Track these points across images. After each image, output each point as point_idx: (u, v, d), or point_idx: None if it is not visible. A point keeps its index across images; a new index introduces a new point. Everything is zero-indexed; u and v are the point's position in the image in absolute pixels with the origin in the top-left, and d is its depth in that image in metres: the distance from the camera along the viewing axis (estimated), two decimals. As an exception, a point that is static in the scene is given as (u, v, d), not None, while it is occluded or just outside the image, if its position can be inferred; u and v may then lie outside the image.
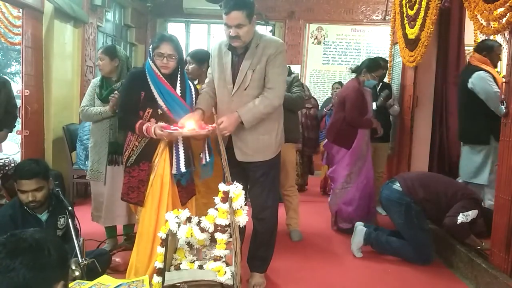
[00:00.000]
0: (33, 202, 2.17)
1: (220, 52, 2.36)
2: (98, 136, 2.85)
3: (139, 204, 2.37)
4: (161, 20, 7.05)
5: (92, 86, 2.91)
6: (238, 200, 1.88)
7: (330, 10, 6.80)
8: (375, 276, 2.81)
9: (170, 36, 2.37)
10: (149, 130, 2.23)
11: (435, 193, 2.93)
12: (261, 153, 2.36)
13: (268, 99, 2.27)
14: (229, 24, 2.17)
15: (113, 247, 2.94)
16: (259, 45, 2.27)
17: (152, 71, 2.31)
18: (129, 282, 2.04)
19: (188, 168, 2.35)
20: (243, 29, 2.17)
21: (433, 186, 2.99)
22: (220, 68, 2.36)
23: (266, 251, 2.52)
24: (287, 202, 3.52)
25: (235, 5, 2.13)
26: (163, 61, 2.28)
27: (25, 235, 1.07)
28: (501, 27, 2.39)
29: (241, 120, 2.22)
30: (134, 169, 2.33)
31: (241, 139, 2.34)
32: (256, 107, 2.25)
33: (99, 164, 2.84)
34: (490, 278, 2.47)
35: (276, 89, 2.29)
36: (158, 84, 2.30)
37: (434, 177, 3.20)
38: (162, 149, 2.34)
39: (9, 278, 0.99)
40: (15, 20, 4.70)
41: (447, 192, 2.91)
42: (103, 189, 2.85)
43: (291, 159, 3.49)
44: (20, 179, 2.17)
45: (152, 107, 2.31)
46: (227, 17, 2.17)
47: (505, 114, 2.43)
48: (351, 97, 3.50)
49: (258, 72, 2.27)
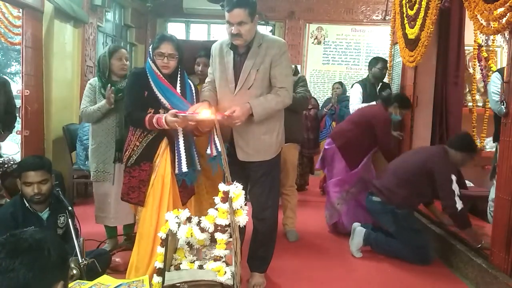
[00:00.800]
0: (39, 194, 2.19)
1: (222, 52, 2.37)
2: (102, 137, 2.83)
3: (139, 204, 2.37)
4: (161, 20, 7.05)
5: (90, 87, 2.87)
6: (238, 200, 1.88)
7: (330, 10, 6.80)
8: (374, 276, 2.81)
9: (170, 35, 2.37)
10: (160, 121, 2.21)
11: (406, 174, 3.00)
12: (262, 153, 2.36)
13: (281, 97, 2.29)
14: (231, 21, 2.18)
15: (113, 247, 2.94)
16: (262, 45, 2.28)
17: (153, 71, 2.32)
18: (129, 282, 2.04)
19: (190, 167, 2.34)
20: (244, 27, 2.18)
21: (401, 168, 3.07)
22: (221, 68, 2.36)
23: (266, 250, 2.52)
24: (286, 201, 3.52)
25: (237, 3, 2.14)
26: (164, 61, 2.29)
27: (25, 235, 1.06)
28: (501, 27, 2.39)
29: (251, 112, 2.22)
30: (135, 169, 2.33)
31: (243, 138, 2.34)
32: (269, 102, 2.26)
33: (105, 164, 2.82)
34: (490, 278, 2.47)
35: (288, 88, 2.33)
36: (159, 83, 2.31)
37: (399, 159, 3.30)
38: (163, 149, 2.34)
39: (9, 278, 0.98)
40: (15, 20, 4.69)
41: (415, 166, 2.99)
42: (110, 189, 2.83)
43: (293, 160, 3.48)
44: (26, 171, 2.20)
45: (154, 107, 2.31)
46: (229, 14, 2.18)
47: (505, 114, 2.43)
48: (384, 126, 3.56)
49: (261, 72, 2.28)
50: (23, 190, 2.22)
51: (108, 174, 2.82)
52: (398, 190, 2.99)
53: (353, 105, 4.29)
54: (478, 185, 4.24)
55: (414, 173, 2.99)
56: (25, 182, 2.19)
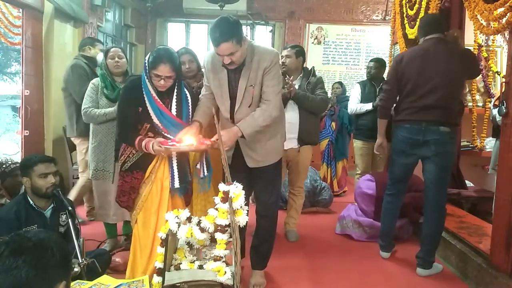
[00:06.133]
0: (54, 184, 2.25)
1: (214, 67, 2.30)
2: (102, 136, 2.84)
3: (127, 209, 2.41)
4: (161, 20, 7.06)
5: (93, 87, 2.88)
6: (238, 200, 1.88)
7: (330, 10, 6.81)
8: (374, 276, 2.81)
9: (167, 55, 2.21)
10: (147, 146, 2.22)
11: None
12: (270, 156, 2.40)
13: (268, 111, 2.25)
14: (221, 54, 2.12)
15: (113, 247, 2.95)
16: (254, 58, 2.22)
17: (148, 91, 2.26)
18: (129, 282, 2.04)
19: (182, 184, 2.36)
20: (236, 54, 2.12)
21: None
22: (215, 84, 2.32)
23: (268, 246, 2.55)
24: (291, 200, 3.49)
25: (222, 38, 2.06)
26: (160, 82, 2.21)
27: (29, 235, 1.08)
28: (501, 27, 2.39)
29: (241, 134, 2.22)
30: (128, 175, 2.34)
31: (250, 147, 2.35)
32: (256, 121, 2.24)
33: (105, 163, 2.84)
34: (490, 278, 2.47)
35: (273, 101, 2.27)
36: (153, 104, 2.26)
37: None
38: (160, 160, 2.33)
39: (12, 276, 0.99)
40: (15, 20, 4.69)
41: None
42: (110, 187, 2.84)
43: (306, 162, 3.40)
44: (39, 163, 2.24)
45: (149, 122, 2.28)
46: (217, 48, 2.11)
47: (505, 114, 2.43)
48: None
49: (258, 88, 2.25)
50: (36, 184, 2.23)
51: (108, 172, 2.84)
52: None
53: (351, 104, 4.31)
54: (478, 185, 4.24)
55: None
56: (40, 175, 2.22)
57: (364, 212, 3.56)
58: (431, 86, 2.67)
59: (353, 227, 3.50)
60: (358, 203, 3.67)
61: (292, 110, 3.18)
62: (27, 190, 2.27)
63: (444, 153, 2.70)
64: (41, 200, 2.27)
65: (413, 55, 2.81)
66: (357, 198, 3.67)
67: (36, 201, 2.26)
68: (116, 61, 2.85)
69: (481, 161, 4.42)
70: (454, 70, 2.65)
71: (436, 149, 2.69)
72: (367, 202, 3.54)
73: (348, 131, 5.10)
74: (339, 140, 5.10)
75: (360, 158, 4.34)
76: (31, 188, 2.24)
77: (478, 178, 4.39)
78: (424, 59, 2.72)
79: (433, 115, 2.68)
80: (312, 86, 3.28)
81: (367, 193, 3.53)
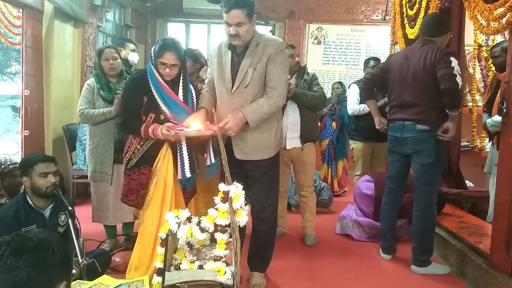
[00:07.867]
0: (54, 184, 2.25)
1: (220, 52, 2.37)
2: (100, 137, 2.82)
3: (137, 207, 2.40)
4: (161, 20, 7.05)
5: (88, 88, 2.86)
6: (238, 200, 1.88)
7: (330, 10, 6.81)
8: (374, 276, 2.81)
9: (173, 44, 2.27)
10: (155, 132, 2.23)
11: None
12: (260, 151, 2.36)
13: (273, 99, 2.28)
14: (229, 22, 2.18)
15: (113, 247, 2.94)
16: (259, 44, 2.28)
17: (155, 78, 2.28)
18: (129, 282, 2.04)
19: (194, 173, 2.35)
20: (243, 27, 2.18)
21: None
22: (219, 67, 2.36)
23: (266, 250, 2.53)
24: (303, 203, 3.45)
25: (235, 4, 2.14)
26: (166, 70, 2.26)
27: (30, 235, 1.08)
28: (501, 27, 2.39)
29: (246, 120, 2.23)
30: (135, 172, 2.33)
31: (241, 137, 2.34)
32: (261, 107, 2.26)
33: (103, 165, 2.82)
34: (490, 278, 2.46)
35: (279, 88, 2.30)
36: (161, 90, 2.28)
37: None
38: (164, 153, 2.34)
39: (13, 276, 1.00)
40: (15, 20, 4.69)
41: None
42: (108, 189, 2.83)
43: (311, 160, 3.37)
44: (39, 162, 2.24)
45: (154, 112, 2.29)
46: (227, 15, 2.18)
47: (505, 114, 2.43)
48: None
49: (258, 71, 2.28)
50: (36, 184, 2.23)
51: (106, 174, 2.83)
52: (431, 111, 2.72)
53: (351, 105, 4.29)
54: (478, 185, 4.24)
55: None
56: (40, 174, 2.22)
57: (363, 212, 3.57)
58: (405, 85, 2.77)
59: (353, 227, 3.51)
60: (357, 203, 3.67)
61: (292, 109, 3.20)
62: (27, 189, 2.27)
63: (422, 151, 2.73)
64: (40, 200, 2.27)
65: (399, 55, 2.94)
66: (357, 198, 3.67)
67: (36, 201, 2.26)
68: (111, 63, 2.84)
69: (481, 161, 4.40)
70: (424, 71, 2.66)
71: (413, 146, 2.76)
72: (366, 203, 3.54)
73: (349, 131, 5.10)
74: (339, 140, 5.11)
75: (359, 159, 4.34)
76: (31, 187, 2.24)
77: (478, 178, 4.38)
78: (403, 59, 2.82)
79: (409, 114, 2.76)
80: (308, 84, 3.30)
81: (366, 193, 3.54)
